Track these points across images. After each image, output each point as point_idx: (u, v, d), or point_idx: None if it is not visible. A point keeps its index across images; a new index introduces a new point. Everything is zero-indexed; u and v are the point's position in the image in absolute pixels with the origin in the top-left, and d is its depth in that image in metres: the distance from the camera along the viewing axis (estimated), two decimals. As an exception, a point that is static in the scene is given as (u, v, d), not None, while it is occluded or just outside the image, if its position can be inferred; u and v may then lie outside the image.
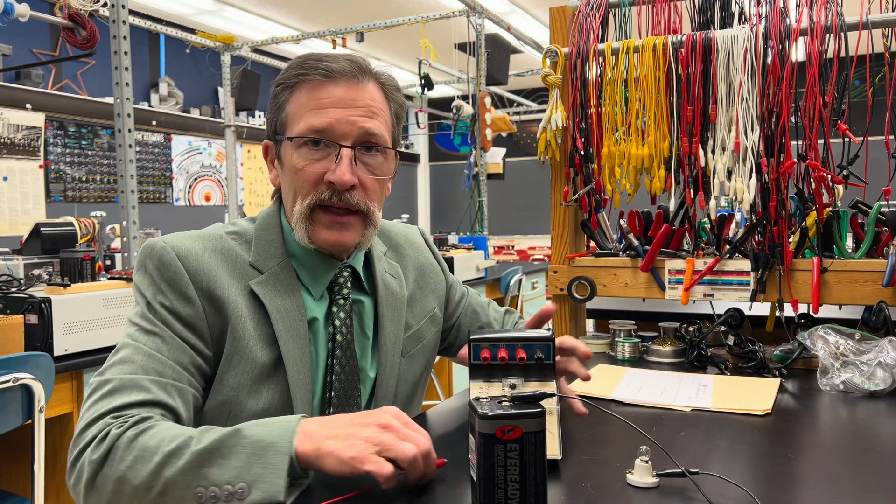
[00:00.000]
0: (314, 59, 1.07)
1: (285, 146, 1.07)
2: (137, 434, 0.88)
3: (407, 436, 0.84)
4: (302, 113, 1.05)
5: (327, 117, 1.04)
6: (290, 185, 1.08)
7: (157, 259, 1.03)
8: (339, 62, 1.07)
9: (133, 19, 4.40)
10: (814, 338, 1.37)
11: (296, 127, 1.05)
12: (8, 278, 2.29)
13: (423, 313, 1.26)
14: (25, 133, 5.00)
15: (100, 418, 0.91)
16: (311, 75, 1.05)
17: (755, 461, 0.95)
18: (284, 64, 6.81)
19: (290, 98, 1.07)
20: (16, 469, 2.19)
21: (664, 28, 1.63)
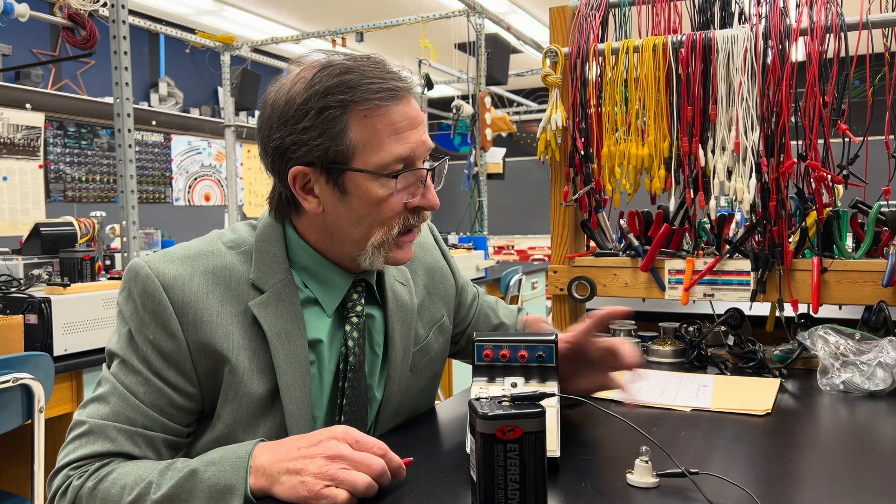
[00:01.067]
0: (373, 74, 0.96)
1: (353, 176, 0.96)
2: (97, 482, 0.89)
3: (358, 460, 0.82)
4: (378, 141, 0.95)
5: (410, 143, 0.97)
6: (365, 216, 0.99)
7: (142, 287, 0.97)
8: (396, 76, 0.98)
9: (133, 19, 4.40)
10: (814, 338, 1.37)
11: (374, 157, 0.95)
12: (8, 278, 2.29)
13: (431, 322, 1.21)
14: (25, 133, 5.00)
15: (64, 468, 0.93)
16: (375, 97, 0.95)
17: (755, 461, 0.95)
18: (285, 64, 6.84)
19: (350, 123, 0.95)
20: (16, 469, 2.19)
21: (664, 28, 1.62)
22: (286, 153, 0.98)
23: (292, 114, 0.95)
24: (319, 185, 0.98)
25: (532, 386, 0.97)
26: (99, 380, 0.99)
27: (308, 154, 0.96)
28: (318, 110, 0.94)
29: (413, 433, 1.12)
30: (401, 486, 0.87)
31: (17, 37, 5.02)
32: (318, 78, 0.95)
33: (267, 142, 1.00)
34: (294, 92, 0.96)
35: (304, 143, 0.96)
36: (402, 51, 7.86)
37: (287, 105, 0.96)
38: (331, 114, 0.94)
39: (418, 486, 0.87)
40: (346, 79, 0.94)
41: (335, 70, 0.95)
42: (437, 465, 0.95)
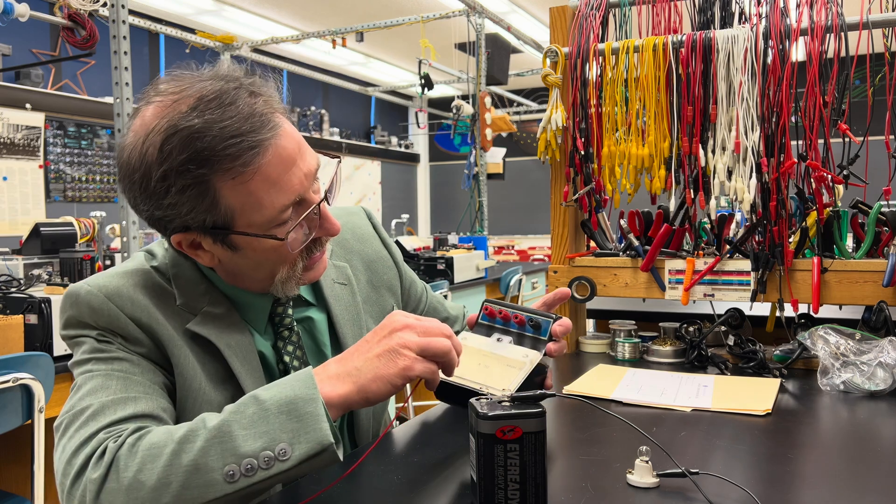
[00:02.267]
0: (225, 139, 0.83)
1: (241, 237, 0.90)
2: (138, 439, 0.79)
3: (429, 329, 0.83)
4: (257, 200, 0.87)
5: (292, 188, 0.89)
6: (264, 262, 0.94)
7: (87, 306, 0.91)
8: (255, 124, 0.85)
9: (133, 19, 4.41)
10: (814, 338, 1.37)
11: (257, 216, 0.88)
12: (8, 278, 2.29)
13: (381, 314, 1.16)
14: (25, 133, 5.00)
15: (91, 438, 0.81)
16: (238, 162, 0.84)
17: (755, 461, 0.95)
18: (285, 64, 6.84)
19: (220, 192, 0.86)
20: (16, 469, 2.19)
21: (664, 28, 1.62)
22: (160, 223, 0.91)
23: (153, 189, 0.86)
24: (207, 244, 0.93)
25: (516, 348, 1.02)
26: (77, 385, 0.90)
27: (184, 223, 0.89)
28: (180, 188, 0.85)
29: (413, 433, 1.12)
30: (401, 486, 0.87)
31: (17, 37, 5.02)
32: (168, 150, 0.84)
33: (136, 209, 0.92)
34: (148, 163, 0.85)
35: (175, 216, 0.89)
36: (402, 51, 7.87)
37: (143, 179, 0.86)
38: (195, 190, 0.85)
39: (418, 486, 0.87)
40: (200, 147, 0.83)
41: (183, 136, 0.83)
42: (437, 465, 0.95)
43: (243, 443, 0.75)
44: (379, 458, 1.00)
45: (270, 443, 0.75)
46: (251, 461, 0.75)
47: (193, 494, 0.74)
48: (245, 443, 0.75)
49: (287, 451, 0.75)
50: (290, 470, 0.76)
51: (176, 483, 0.74)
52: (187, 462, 0.75)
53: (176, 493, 0.74)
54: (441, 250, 4.54)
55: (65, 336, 0.95)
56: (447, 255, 4.34)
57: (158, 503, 0.75)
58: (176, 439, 0.77)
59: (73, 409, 0.87)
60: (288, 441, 0.76)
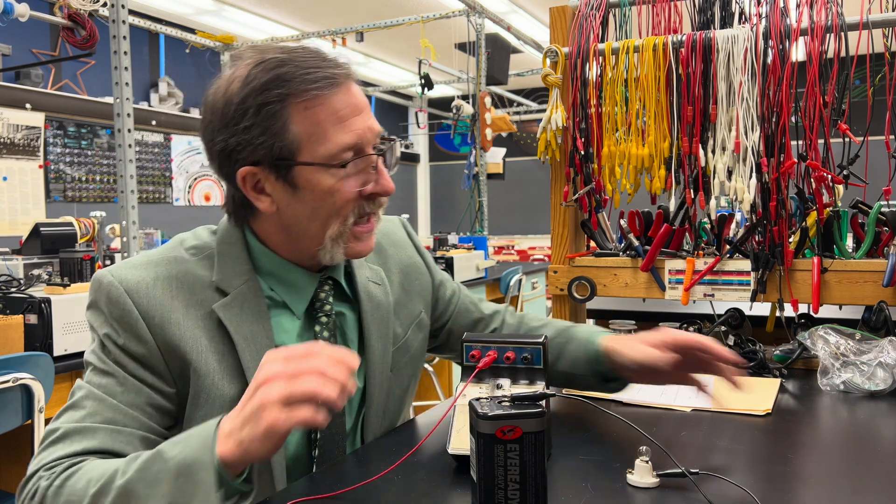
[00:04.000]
0: (308, 64, 0.93)
1: (303, 170, 0.95)
2: (65, 480, 0.84)
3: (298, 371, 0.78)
4: (322, 131, 0.93)
5: (355, 130, 0.95)
6: (319, 209, 0.97)
7: (106, 296, 0.96)
8: (333, 62, 0.96)
9: (133, 19, 4.41)
10: (814, 338, 1.37)
11: (320, 148, 0.93)
12: (8, 278, 2.29)
13: (409, 319, 1.19)
14: (25, 133, 5.00)
15: (35, 473, 0.88)
16: (312, 87, 0.92)
17: (755, 461, 0.95)
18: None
19: (292, 116, 0.92)
20: (16, 469, 2.19)
21: (664, 28, 1.62)
22: (232, 155, 0.96)
23: (232, 114, 0.94)
24: (270, 184, 0.96)
25: (519, 387, 0.96)
26: (73, 390, 0.97)
27: (253, 153, 0.94)
28: (257, 107, 0.92)
29: (413, 433, 1.12)
30: (401, 486, 0.87)
31: (17, 37, 5.02)
32: (253, 74, 0.93)
33: (211, 146, 0.98)
34: (231, 92, 0.94)
35: (247, 142, 0.94)
36: (402, 51, 7.86)
37: (225, 106, 0.94)
38: (270, 109, 0.92)
39: (418, 486, 0.87)
40: (281, 72, 0.92)
41: (269, 64, 0.93)
42: (437, 465, 0.95)
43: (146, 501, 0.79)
44: (379, 457, 1.00)
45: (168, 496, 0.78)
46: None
47: None
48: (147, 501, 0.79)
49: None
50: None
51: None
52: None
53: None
54: (441, 250, 4.54)
55: (87, 317, 0.99)
56: (447, 255, 4.34)
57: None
58: (91, 493, 0.81)
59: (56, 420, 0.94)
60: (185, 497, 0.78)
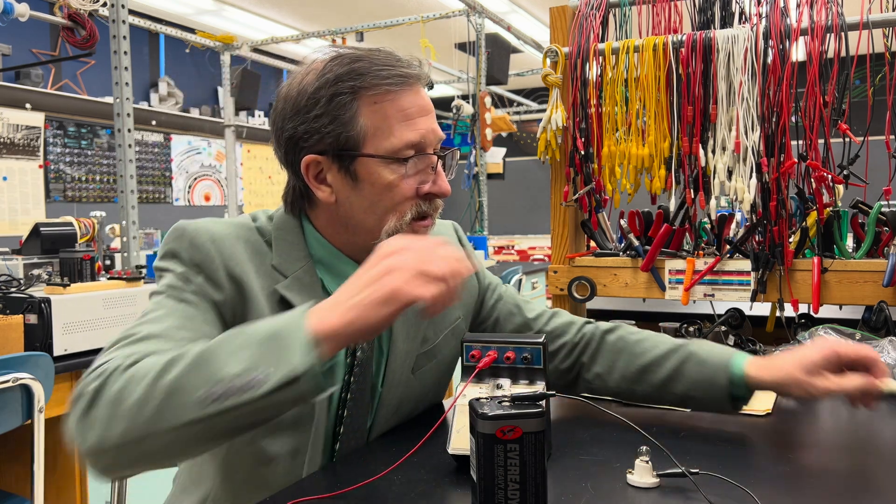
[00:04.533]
0: (383, 62, 0.97)
1: (365, 162, 0.97)
2: (135, 362, 0.80)
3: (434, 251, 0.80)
4: (389, 126, 0.96)
5: (419, 129, 0.98)
6: (377, 202, 0.98)
7: (190, 241, 0.96)
8: (406, 63, 0.99)
9: (133, 19, 4.41)
10: (814, 338, 1.37)
11: (384, 142, 0.96)
12: (8, 278, 2.29)
13: (444, 325, 1.17)
14: (25, 133, 5.00)
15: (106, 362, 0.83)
16: (385, 83, 0.96)
17: (755, 461, 0.95)
18: (285, 64, 6.85)
19: (361, 109, 0.96)
20: (16, 469, 2.19)
21: (664, 28, 1.62)
22: (299, 143, 0.99)
23: (304, 103, 0.97)
24: (332, 174, 0.99)
25: (519, 387, 0.96)
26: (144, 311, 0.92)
27: (320, 142, 0.97)
28: (329, 97, 0.95)
29: (412, 433, 1.12)
30: (401, 486, 0.87)
31: (17, 37, 5.02)
32: (329, 67, 0.97)
33: (280, 133, 1.01)
34: (306, 82, 0.98)
35: (315, 130, 0.97)
36: (402, 51, 7.84)
37: (299, 95, 0.98)
38: (341, 100, 0.95)
39: (418, 486, 0.87)
40: (355, 66, 0.96)
41: (345, 59, 0.97)
42: (437, 465, 0.95)
43: (222, 367, 0.75)
44: (379, 457, 1.00)
45: (249, 370, 0.75)
46: (226, 387, 0.74)
47: (167, 416, 0.74)
48: (224, 367, 0.75)
49: (262, 380, 0.74)
50: (261, 399, 0.74)
51: (153, 403, 0.75)
52: (167, 383, 0.75)
53: (152, 413, 0.75)
54: (441, 250, 4.53)
55: (157, 267, 0.98)
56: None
57: (136, 421, 0.75)
58: (161, 363, 0.77)
59: (127, 331, 0.88)
60: (264, 370, 0.74)
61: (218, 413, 0.74)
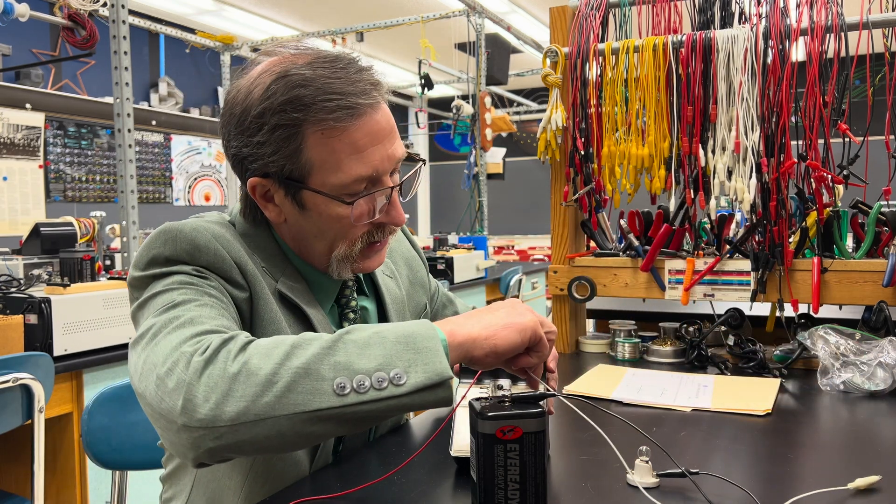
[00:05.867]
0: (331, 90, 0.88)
1: (311, 195, 0.92)
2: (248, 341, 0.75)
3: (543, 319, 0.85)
4: (337, 161, 0.89)
5: (371, 162, 0.91)
6: (325, 230, 0.95)
7: (188, 243, 0.89)
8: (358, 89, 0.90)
9: (133, 19, 4.41)
10: (814, 338, 1.37)
11: (331, 178, 0.90)
12: (8, 278, 2.29)
13: (417, 311, 1.22)
14: (25, 133, 5.00)
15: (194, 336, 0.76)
16: (330, 118, 0.88)
17: (755, 461, 0.95)
18: (284, 64, 6.85)
19: (307, 142, 0.89)
20: (16, 469, 2.19)
21: (664, 28, 1.62)
22: (243, 163, 0.94)
23: (247, 125, 0.90)
24: (279, 197, 0.94)
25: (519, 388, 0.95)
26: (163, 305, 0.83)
27: (264, 167, 0.92)
28: (272, 127, 0.89)
29: (412, 433, 1.12)
30: (401, 486, 0.87)
31: (17, 37, 5.02)
32: (273, 89, 0.89)
33: (226, 146, 0.96)
34: (251, 100, 0.90)
35: (259, 156, 0.91)
36: (402, 51, 7.86)
37: (243, 114, 0.91)
38: (285, 132, 0.89)
39: (418, 486, 0.87)
40: (301, 94, 0.88)
41: (291, 82, 0.88)
42: (437, 465, 0.95)
43: (357, 359, 0.72)
44: (379, 456, 1.00)
45: (385, 365, 0.72)
46: (364, 378, 0.72)
47: (297, 399, 0.70)
48: (359, 360, 0.73)
49: (402, 377, 0.72)
50: (403, 397, 0.72)
51: (282, 383, 0.71)
52: (298, 365, 0.72)
53: (279, 393, 0.70)
54: (441, 250, 4.54)
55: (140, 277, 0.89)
56: (447, 255, 4.34)
57: (258, 400, 0.70)
58: (289, 343, 0.74)
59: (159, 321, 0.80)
60: (403, 368, 0.73)
61: (354, 404, 0.71)
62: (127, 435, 1.40)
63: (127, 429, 1.41)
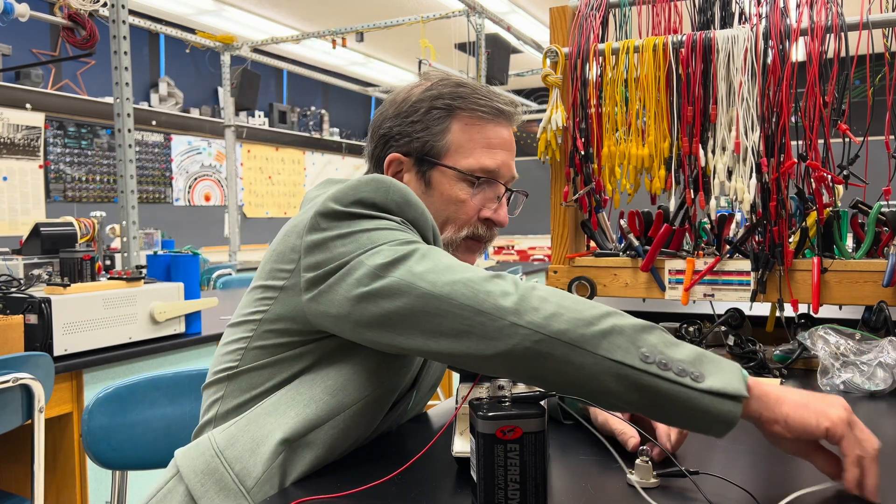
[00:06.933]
0: (483, 93, 1.09)
1: (441, 172, 1.07)
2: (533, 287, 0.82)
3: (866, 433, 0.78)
4: (471, 148, 1.07)
5: (497, 159, 1.08)
6: (441, 210, 1.08)
7: (401, 196, 0.95)
8: (503, 101, 1.10)
9: (133, 19, 4.41)
10: (814, 338, 1.37)
11: (463, 160, 1.07)
12: (8, 278, 2.29)
13: None
14: (25, 133, 5.00)
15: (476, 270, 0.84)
16: (479, 110, 1.07)
17: (755, 461, 0.95)
18: (285, 64, 6.85)
19: (452, 125, 1.07)
20: (16, 469, 2.19)
21: (664, 28, 1.62)
22: (390, 141, 1.10)
23: (406, 109, 1.09)
24: (409, 175, 1.09)
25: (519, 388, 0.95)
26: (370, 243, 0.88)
27: (408, 144, 1.08)
28: (428, 109, 1.08)
29: (413, 434, 1.12)
30: (401, 486, 0.87)
31: (17, 37, 5.02)
32: (436, 85, 1.10)
33: (377, 130, 1.12)
34: (413, 93, 1.10)
35: (407, 133, 1.08)
36: (402, 51, 7.86)
37: (404, 101, 1.10)
38: (437, 113, 1.08)
39: (419, 486, 0.87)
40: (458, 90, 1.09)
41: (452, 81, 1.10)
42: (438, 465, 0.95)
43: (667, 347, 0.77)
44: (380, 457, 1.00)
45: (690, 364, 0.76)
46: (669, 361, 0.76)
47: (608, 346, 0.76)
48: (669, 348, 0.77)
49: (702, 378, 0.75)
50: (695, 391, 0.74)
51: (602, 327, 0.77)
52: (617, 323, 0.77)
53: (598, 333, 0.76)
54: (441, 250, 4.53)
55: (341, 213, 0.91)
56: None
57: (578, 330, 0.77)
58: (606, 308, 0.79)
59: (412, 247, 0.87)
60: (705, 371, 0.76)
61: (653, 375, 0.75)
62: (127, 435, 1.40)
63: (127, 429, 1.41)
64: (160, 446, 1.42)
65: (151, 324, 2.37)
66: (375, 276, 0.84)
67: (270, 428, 0.92)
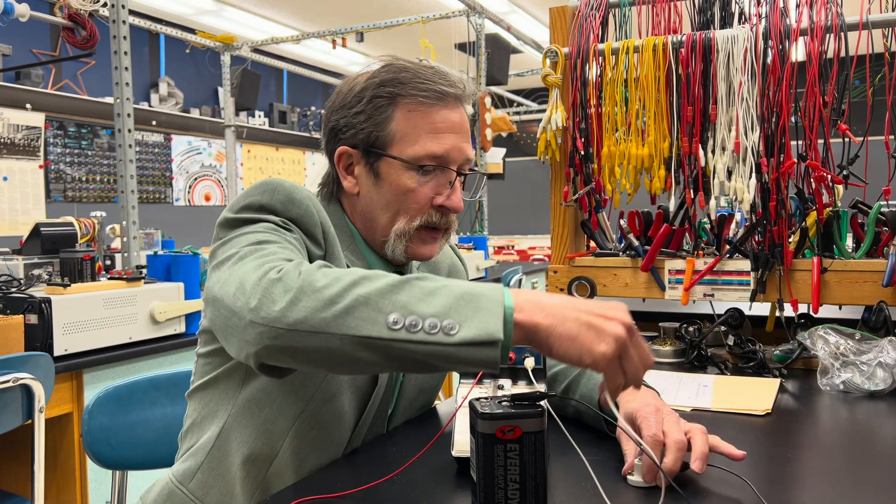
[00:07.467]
0: (425, 77, 1.05)
1: (388, 163, 1.05)
2: (322, 265, 0.82)
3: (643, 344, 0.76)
4: (416, 135, 1.04)
5: (444, 144, 1.05)
6: (392, 202, 1.06)
7: (287, 195, 0.99)
8: (447, 81, 1.07)
9: (133, 19, 4.40)
10: (814, 338, 1.37)
11: (409, 149, 1.04)
12: (8, 278, 2.29)
13: None
14: (25, 133, 5.00)
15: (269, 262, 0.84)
16: (420, 95, 1.04)
17: (755, 461, 0.95)
18: (285, 64, 6.84)
19: (395, 114, 1.05)
20: (16, 469, 2.19)
21: (664, 28, 1.62)
22: (338, 133, 1.09)
23: (351, 99, 1.07)
24: (359, 168, 1.08)
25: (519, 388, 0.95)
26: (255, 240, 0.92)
27: (354, 136, 1.07)
28: (370, 98, 1.05)
29: (414, 434, 1.12)
30: (401, 486, 0.87)
31: (17, 37, 5.02)
32: (379, 72, 1.07)
33: (327, 123, 1.12)
34: (357, 81, 1.08)
35: (352, 125, 1.07)
36: (402, 51, 7.85)
37: (349, 92, 1.08)
38: (379, 102, 1.05)
39: (418, 486, 0.87)
40: (400, 76, 1.05)
41: (394, 68, 1.07)
42: (437, 465, 0.95)
43: (417, 303, 0.75)
44: (380, 456, 1.00)
45: (442, 315, 0.74)
46: (418, 320, 0.74)
47: (351, 323, 0.75)
48: (419, 304, 0.75)
49: (455, 328, 0.73)
50: (449, 346, 0.73)
51: (342, 305, 0.76)
52: (361, 293, 0.76)
53: (337, 313, 0.75)
54: (441, 250, 4.53)
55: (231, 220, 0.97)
56: (447, 255, 4.34)
57: (317, 314, 0.76)
58: (359, 274, 0.79)
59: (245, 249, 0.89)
60: (458, 321, 0.74)
61: (403, 341, 0.74)
62: (127, 435, 1.40)
63: (127, 429, 1.41)
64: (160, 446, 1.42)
65: (151, 324, 2.37)
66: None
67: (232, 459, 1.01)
